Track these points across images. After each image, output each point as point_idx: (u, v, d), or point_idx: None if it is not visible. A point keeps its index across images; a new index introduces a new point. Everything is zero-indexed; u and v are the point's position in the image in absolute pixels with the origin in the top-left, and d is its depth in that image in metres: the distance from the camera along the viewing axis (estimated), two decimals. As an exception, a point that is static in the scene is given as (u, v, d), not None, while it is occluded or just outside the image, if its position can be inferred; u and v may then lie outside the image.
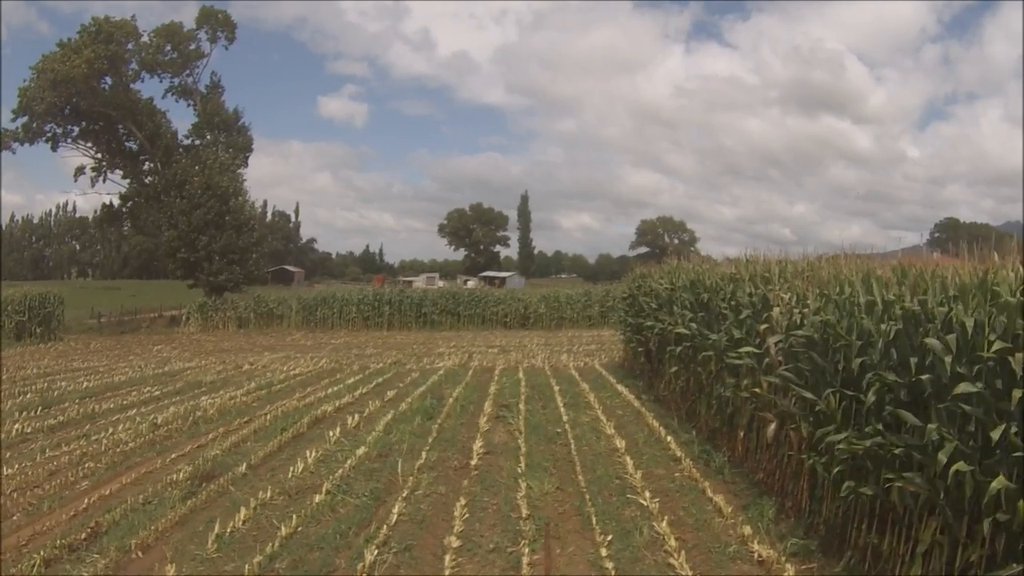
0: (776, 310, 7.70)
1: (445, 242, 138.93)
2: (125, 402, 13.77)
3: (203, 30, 40.27)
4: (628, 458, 8.67)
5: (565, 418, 10.95)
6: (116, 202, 40.15)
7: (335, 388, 14.72)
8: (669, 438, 9.66)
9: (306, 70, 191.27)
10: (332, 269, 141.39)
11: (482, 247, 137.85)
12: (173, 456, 9.44)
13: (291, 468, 8.46)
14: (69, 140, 37.72)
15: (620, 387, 13.84)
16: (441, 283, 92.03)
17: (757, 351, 7.75)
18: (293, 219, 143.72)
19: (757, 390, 7.61)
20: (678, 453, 9.01)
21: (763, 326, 7.69)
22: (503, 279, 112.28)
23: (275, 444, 9.74)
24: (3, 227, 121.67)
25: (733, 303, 8.75)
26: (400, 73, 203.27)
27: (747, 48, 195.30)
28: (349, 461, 8.62)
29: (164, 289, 63.99)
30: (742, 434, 8.41)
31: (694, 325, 10.02)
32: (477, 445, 9.24)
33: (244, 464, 8.71)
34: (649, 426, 10.51)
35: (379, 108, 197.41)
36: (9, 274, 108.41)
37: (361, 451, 9.05)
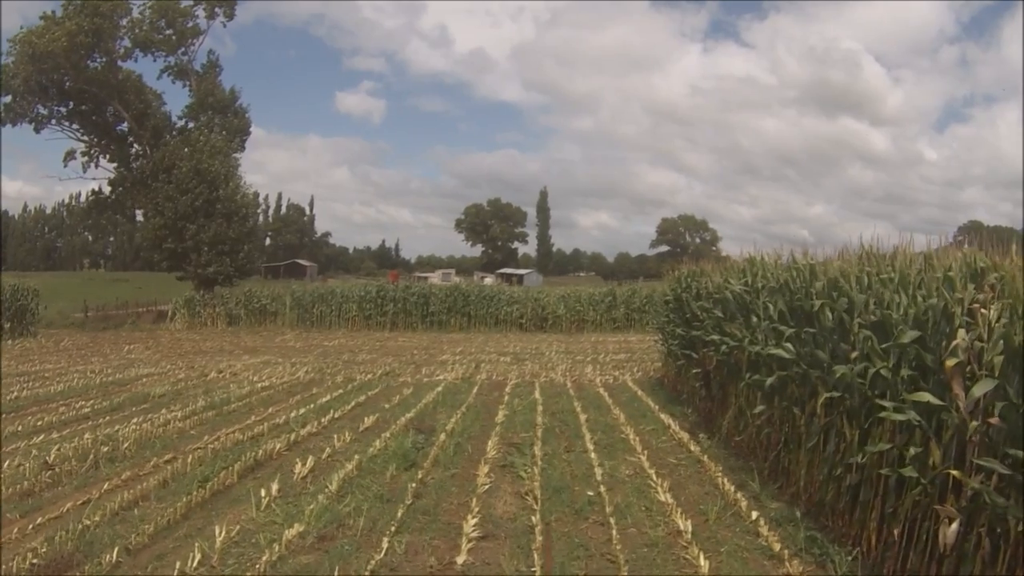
0: (962, 334, 4.56)
1: (462, 238, 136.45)
2: (40, 423, 10.87)
3: (200, 6, 37.47)
4: (700, 553, 5.55)
5: (598, 470, 7.81)
6: (107, 189, 37.57)
7: (302, 410, 11.67)
8: (754, 513, 6.50)
9: (324, 66, 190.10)
10: (347, 264, 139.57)
11: (499, 243, 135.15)
12: (39, 520, 6.48)
13: (183, 559, 5.43)
14: (53, 121, 34.99)
15: (664, 417, 10.67)
16: (457, 279, 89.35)
17: (939, 403, 4.59)
18: (308, 212, 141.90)
19: (957, 473, 4.43)
20: (774, 543, 5.85)
21: (950, 362, 4.51)
22: (521, 276, 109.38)
23: (181, 507, 6.69)
24: (8, 215, 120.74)
25: (873, 318, 5.56)
26: (417, 69, 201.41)
27: (764, 48, 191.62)
28: (269, 552, 5.56)
29: (172, 282, 61.29)
30: (895, 530, 5.23)
31: (791, 346, 6.83)
32: (469, 523, 6.13)
33: (120, 545, 5.72)
34: (719, 488, 7.34)
35: (397, 104, 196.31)
36: (20, 265, 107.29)
37: (294, 531, 5.98)
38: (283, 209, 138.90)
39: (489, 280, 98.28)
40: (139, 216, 37.95)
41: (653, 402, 12.10)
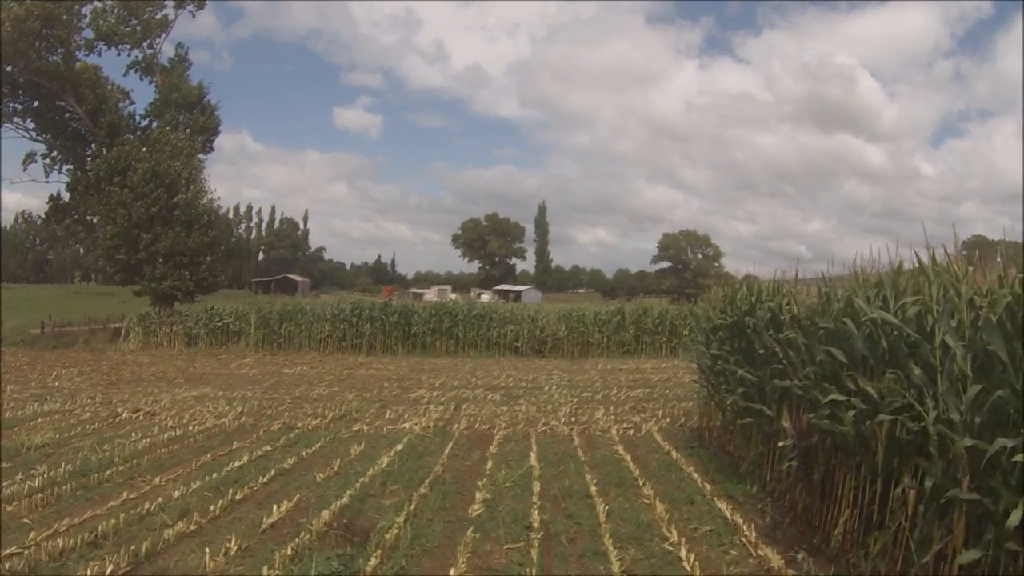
0: None
1: (459, 253, 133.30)
2: None
3: (169, -6, 34.18)
4: None
5: (642, 651, 4.25)
6: (66, 195, 34.07)
7: (198, 483, 8.11)
8: None
9: (321, 81, 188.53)
10: (342, 279, 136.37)
11: (497, 259, 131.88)
12: None
13: None
14: (3, 119, 31.57)
15: (723, 506, 7.09)
16: (454, 296, 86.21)
17: None
18: (302, 226, 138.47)
19: None
20: None
21: None
22: (519, 293, 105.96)
23: None
24: (6, 228, 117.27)
25: None
26: (414, 85, 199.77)
27: (759, 64, 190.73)
28: None
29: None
30: None
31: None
32: None
33: None
34: None
35: (394, 119, 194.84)
36: (11, 277, 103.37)
37: None
38: (276, 223, 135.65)
39: (486, 296, 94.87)
40: (84, 223, 34.45)
41: (697, 472, 8.53)
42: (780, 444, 6.48)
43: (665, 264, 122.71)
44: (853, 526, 5.58)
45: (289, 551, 5.73)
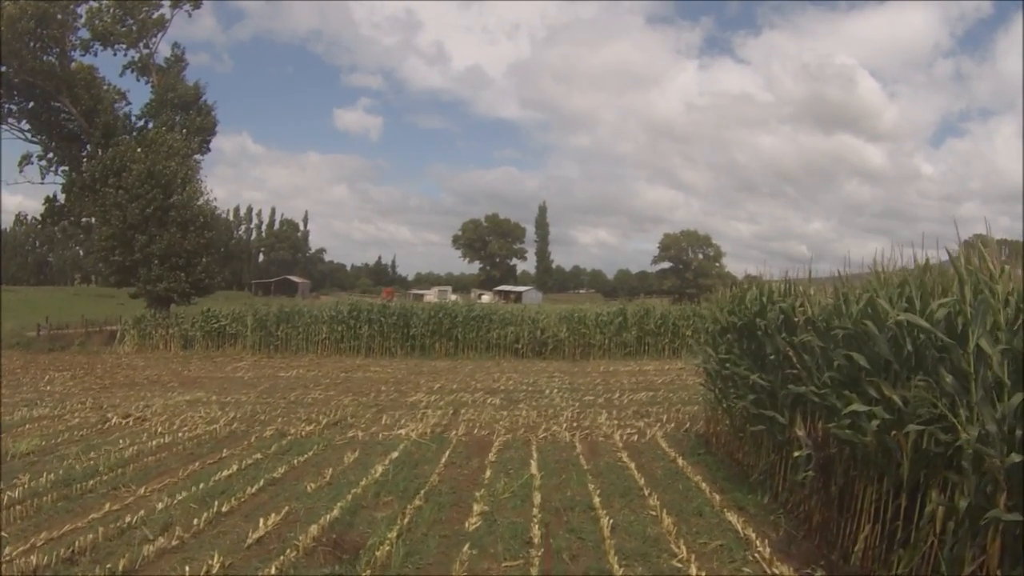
0: None
1: (459, 254, 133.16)
2: None
3: (165, -7, 33.87)
4: None
5: None
6: (62, 196, 33.73)
7: (183, 494, 7.78)
8: None
9: (322, 83, 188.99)
10: (342, 281, 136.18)
11: (498, 260, 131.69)
12: None
13: None
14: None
15: (734, 518, 6.74)
16: (454, 297, 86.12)
17: None
18: (302, 228, 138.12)
19: None
20: None
21: None
22: (519, 294, 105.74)
23: None
24: (6, 230, 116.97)
25: None
26: (415, 87, 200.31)
27: (759, 64, 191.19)
28: None
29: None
30: None
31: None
32: None
33: None
34: None
35: (395, 121, 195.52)
36: (12, 279, 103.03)
37: None
38: (277, 224, 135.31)
39: (487, 297, 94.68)
40: (80, 224, 34.19)
41: (705, 481, 8.17)
42: (796, 455, 6.13)
43: (666, 264, 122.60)
44: (875, 542, 5.23)
45: (274, 570, 5.39)
